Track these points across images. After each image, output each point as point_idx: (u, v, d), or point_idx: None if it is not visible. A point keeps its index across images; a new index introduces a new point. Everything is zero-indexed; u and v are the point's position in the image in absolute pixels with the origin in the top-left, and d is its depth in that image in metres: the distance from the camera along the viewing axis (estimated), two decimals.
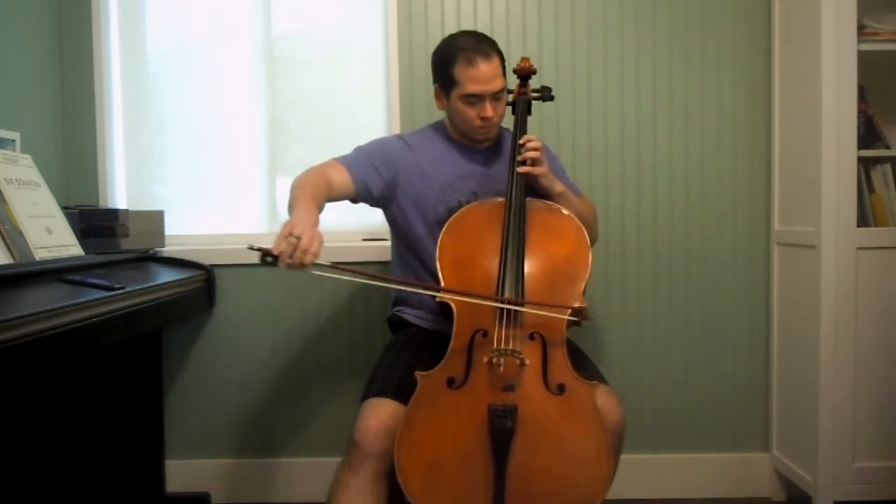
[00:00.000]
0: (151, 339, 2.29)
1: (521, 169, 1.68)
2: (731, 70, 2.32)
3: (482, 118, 1.73)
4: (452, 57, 1.72)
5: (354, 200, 1.81)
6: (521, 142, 1.71)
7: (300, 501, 2.34)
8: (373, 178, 1.78)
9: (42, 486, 1.96)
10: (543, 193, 1.74)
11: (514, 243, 1.56)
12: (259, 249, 1.40)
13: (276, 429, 2.38)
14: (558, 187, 1.74)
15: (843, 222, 1.98)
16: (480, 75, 1.69)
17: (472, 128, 1.76)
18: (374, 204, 1.83)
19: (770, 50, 2.29)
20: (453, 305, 1.52)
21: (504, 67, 1.75)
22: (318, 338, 2.37)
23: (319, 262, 1.41)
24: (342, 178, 1.74)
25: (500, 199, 1.67)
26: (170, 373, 2.36)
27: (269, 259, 1.39)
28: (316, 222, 1.50)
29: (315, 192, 1.63)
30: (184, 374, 2.37)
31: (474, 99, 1.71)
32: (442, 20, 2.30)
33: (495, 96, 1.72)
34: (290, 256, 1.38)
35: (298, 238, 1.39)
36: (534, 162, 1.69)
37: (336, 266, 1.44)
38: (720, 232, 2.34)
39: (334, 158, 1.79)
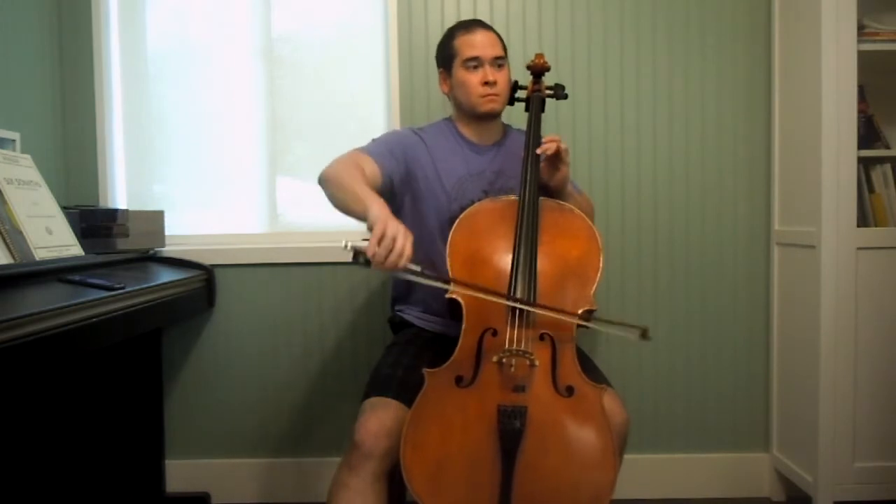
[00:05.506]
0: (151, 339, 2.29)
1: (540, 150, 1.62)
2: (731, 70, 2.32)
3: (485, 83, 1.74)
4: (451, 34, 1.82)
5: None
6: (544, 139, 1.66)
7: (300, 501, 2.34)
8: (396, 170, 1.73)
9: (42, 486, 1.96)
10: (554, 192, 1.71)
11: (527, 243, 1.53)
12: (354, 249, 1.37)
13: (276, 429, 2.38)
14: (569, 188, 1.74)
15: (843, 222, 1.98)
16: (478, 40, 1.76)
17: (476, 97, 1.76)
18: (389, 198, 1.73)
19: (770, 50, 2.29)
20: (463, 303, 1.50)
21: (504, 48, 1.79)
22: (319, 338, 2.37)
23: (411, 266, 1.39)
24: (371, 170, 1.67)
25: (513, 198, 1.64)
26: (170, 373, 2.36)
27: (362, 260, 1.37)
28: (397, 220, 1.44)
29: (369, 185, 1.58)
30: (184, 374, 2.37)
31: (474, 62, 1.75)
32: (442, 21, 2.30)
33: (496, 62, 1.76)
34: (385, 259, 1.36)
35: (393, 239, 1.36)
36: (551, 155, 1.64)
37: (424, 273, 1.42)
38: (720, 232, 2.34)
39: (357, 149, 1.73)
